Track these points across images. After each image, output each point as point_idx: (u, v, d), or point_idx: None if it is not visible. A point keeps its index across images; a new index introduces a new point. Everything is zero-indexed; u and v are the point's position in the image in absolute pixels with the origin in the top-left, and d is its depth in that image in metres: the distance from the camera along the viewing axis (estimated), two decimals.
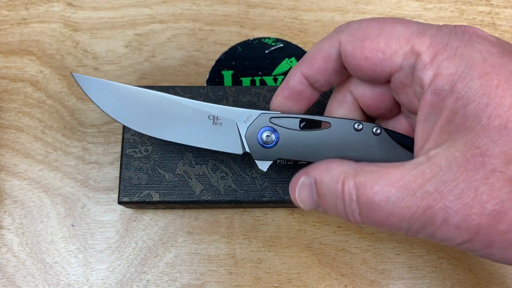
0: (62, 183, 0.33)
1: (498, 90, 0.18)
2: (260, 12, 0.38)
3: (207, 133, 0.26)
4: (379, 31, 0.21)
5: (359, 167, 0.21)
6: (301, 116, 0.25)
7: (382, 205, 0.19)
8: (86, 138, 0.34)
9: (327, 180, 0.22)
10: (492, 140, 0.18)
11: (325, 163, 0.22)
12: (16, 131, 0.34)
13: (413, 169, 0.19)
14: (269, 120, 0.25)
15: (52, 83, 0.36)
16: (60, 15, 0.38)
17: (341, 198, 0.21)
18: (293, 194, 0.24)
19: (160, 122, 0.27)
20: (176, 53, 0.37)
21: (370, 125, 0.24)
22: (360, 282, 0.31)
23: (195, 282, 0.31)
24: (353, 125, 0.24)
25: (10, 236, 0.32)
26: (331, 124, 0.24)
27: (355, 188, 0.20)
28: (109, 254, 0.32)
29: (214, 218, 0.32)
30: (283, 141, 0.25)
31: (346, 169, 0.21)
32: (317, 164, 0.23)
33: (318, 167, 0.23)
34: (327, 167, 0.22)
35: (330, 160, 0.23)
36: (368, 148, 0.24)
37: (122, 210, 0.33)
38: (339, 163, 0.22)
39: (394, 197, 0.19)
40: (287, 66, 0.36)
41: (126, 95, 0.27)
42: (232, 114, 0.26)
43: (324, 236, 0.32)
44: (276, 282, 0.31)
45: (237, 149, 0.26)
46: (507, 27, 0.38)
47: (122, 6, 0.38)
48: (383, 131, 0.24)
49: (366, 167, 0.21)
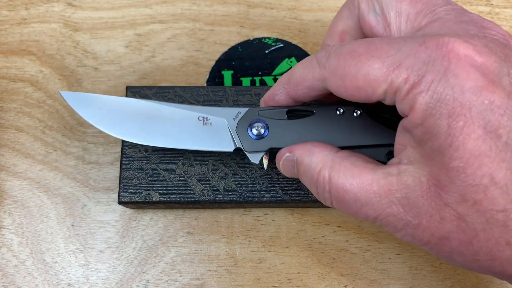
0: (62, 183, 0.33)
1: (463, 132, 0.19)
2: (260, 12, 0.38)
3: (198, 134, 0.27)
4: (355, 70, 0.21)
5: (337, 159, 0.23)
6: (287, 107, 0.27)
7: (350, 202, 0.22)
8: (86, 138, 0.34)
9: (306, 163, 0.24)
10: (450, 179, 0.19)
11: (309, 146, 0.24)
12: (16, 131, 0.34)
13: (383, 178, 0.21)
14: (258, 113, 0.27)
15: (52, 83, 0.36)
16: (60, 15, 0.38)
17: (315, 184, 0.24)
18: (277, 163, 0.26)
19: (150, 130, 0.28)
20: (176, 53, 0.37)
21: (351, 108, 0.26)
22: (360, 282, 0.31)
23: (195, 282, 0.31)
24: (335, 110, 0.26)
25: (10, 236, 0.32)
26: (315, 112, 0.26)
27: (329, 181, 0.23)
28: (109, 254, 0.32)
29: (214, 218, 0.32)
30: (272, 130, 0.26)
31: (324, 158, 0.23)
32: (302, 144, 0.25)
33: (302, 148, 0.25)
34: (309, 151, 0.24)
35: (314, 144, 0.25)
36: (351, 129, 0.26)
37: (122, 210, 0.33)
38: (321, 149, 0.24)
39: (362, 199, 0.21)
40: (287, 66, 0.36)
41: (114, 106, 0.28)
42: (221, 113, 0.28)
43: (324, 236, 0.32)
44: (276, 282, 0.31)
45: (228, 146, 0.27)
46: (507, 27, 0.38)
47: (122, 6, 0.38)
48: (363, 113, 0.26)
49: (343, 161, 0.23)
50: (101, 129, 0.27)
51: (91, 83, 0.36)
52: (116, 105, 0.28)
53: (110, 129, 0.28)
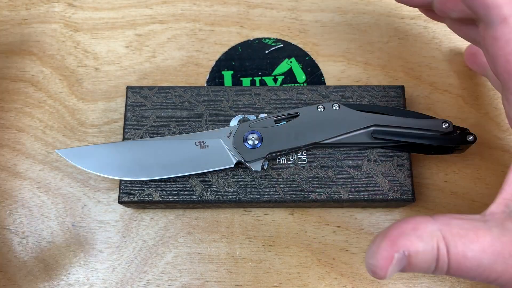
0: (63, 183, 0.33)
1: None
2: (260, 13, 0.38)
3: (198, 158, 0.29)
4: None
5: (445, 227, 0.21)
6: (274, 115, 0.30)
7: (473, 269, 0.21)
8: (86, 138, 0.34)
9: (421, 249, 0.21)
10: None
11: (409, 228, 0.21)
12: (17, 131, 0.34)
13: (503, 235, 0.20)
14: (249, 126, 0.30)
15: (53, 83, 0.36)
16: (60, 15, 0.38)
17: (435, 262, 0.21)
18: (382, 273, 0.21)
19: (151, 165, 0.29)
20: (176, 53, 0.37)
21: (329, 104, 0.30)
22: (360, 281, 0.31)
23: (195, 281, 0.31)
24: (316, 108, 0.30)
25: (10, 236, 0.32)
26: (299, 113, 0.30)
27: (447, 253, 0.21)
28: (109, 254, 0.32)
29: (214, 218, 0.32)
30: (266, 137, 0.29)
31: (432, 229, 0.21)
32: (398, 230, 0.22)
33: (405, 236, 0.21)
34: (415, 233, 0.21)
35: (408, 221, 0.22)
36: (334, 121, 0.30)
37: (122, 210, 0.33)
38: (421, 222, 0.21)
39: (485, 262, 0.20)
40: (287, 67, 0.36)
41: (111, 153, 0.30)
42: (215, 135, 0.30)
43: (324, 236, 0.32)
44: (276, 282, 0.31)
45: (229, 162, 0.29)
46: None
47: (123, 7, 0.38)
48: (341, 106, 0.30)
49: (453, 228, 0.21)
50: (103, 175, 0.29)
51: (91, 83, 0.36)
52: (113, 151, 0.30)
53: (112, 174, 0.29)
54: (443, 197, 0.33)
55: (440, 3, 0.28)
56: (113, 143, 0.30)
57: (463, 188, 0.33)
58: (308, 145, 0.30)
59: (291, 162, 0.31)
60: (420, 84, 0.36)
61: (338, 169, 0.31)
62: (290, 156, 0.31)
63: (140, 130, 0.31)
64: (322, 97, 0.32)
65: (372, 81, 0.36)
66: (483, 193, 0.33)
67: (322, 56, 0.37)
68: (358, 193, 0.30)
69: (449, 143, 0.29)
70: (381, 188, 0.30)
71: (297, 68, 0.36)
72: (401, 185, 0.30)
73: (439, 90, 0.36)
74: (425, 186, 0.33)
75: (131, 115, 0.32)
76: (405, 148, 0.31)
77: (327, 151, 0.31)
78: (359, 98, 0.32)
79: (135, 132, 0.31)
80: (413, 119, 0.30)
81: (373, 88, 0.33)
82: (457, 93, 0.35)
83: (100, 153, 0.29)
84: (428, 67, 0.36)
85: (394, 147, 0.31)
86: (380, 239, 0.21)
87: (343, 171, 0.30)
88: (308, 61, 0.37)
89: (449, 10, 0.28)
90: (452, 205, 0.33)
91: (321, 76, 0.36)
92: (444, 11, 0.28)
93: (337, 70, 0.36)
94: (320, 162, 0.31)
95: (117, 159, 0.29)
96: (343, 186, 0.30)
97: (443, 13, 0.28)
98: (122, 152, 0.30)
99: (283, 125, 0.30)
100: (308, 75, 0.36)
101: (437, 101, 0.35)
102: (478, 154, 0.34)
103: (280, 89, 0.33)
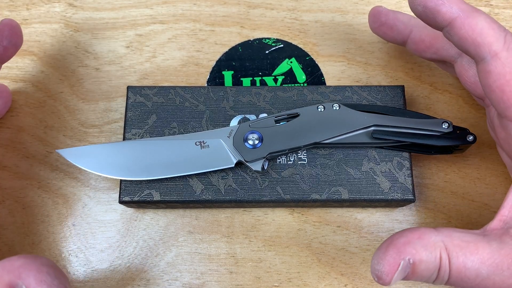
0: (63, 183, 0.33)
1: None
2: (260, 13, 0.38)
3: (199, 157, 0.29)
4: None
5: (447, 238, 0.22)
6: (274, 115, 0.30)
7: (472, 279, 0.22)
8: (87, 138, 0.34)
9: (425, 258, 0.22)
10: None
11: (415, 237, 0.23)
12: (18, 131, 0.34)
13: (501, 249, 0.22)
14: (249, 126, 0.30)
15: (53, 83, 0.36)
16: (61, 15, 0.38)
17: (437, 271, 0.23)
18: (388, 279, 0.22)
19: (151, 165, 0.29)
20: (176, 53, 0.37)
21: (330, 104, 0.30)
22: (360, 281, 0.31)
23: (195, 281, 0.31)
24: (316, 108, 0.30)
25: (11, 236, 0.32)
26: (299, 113, 0.30)
27: (449, 263, 0.22)
28: (110, 254, 0.32)
29: (214, 218, 0.33)
30: (266, 137, 0.30)
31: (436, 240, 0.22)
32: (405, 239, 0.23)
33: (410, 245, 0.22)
34: (420, 242, 0.22)
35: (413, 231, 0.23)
36: (334, 121, 0.30)
37: (123, 210, 0.33)
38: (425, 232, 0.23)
39: (484, 273, 0.22)
40: (287, 67, 0.36)
41: (111, 153, 0.30)
42: (215, 134, 0.30)
43: (324, 236, 0.32)
44: (276, 282, 0.31)
45: (229, 162, 0.29)
46: (507, 28, 0.38)
47: (123, 7, 0.38)
48: (341, 106, 0.30)
49: (455, 240, 0.22)
50: (103, 175, 0.29)
51: (92, 83, 0.36)
52: (113, 151, 0.30)
53: (113, 174, 0.29)
54: (443, 197, 0.33)
55: (414, 45, 0.31)
56: (114, 143, 0.30)
57: (463, 188, 0.33)
58: (308, 145, 0.30)
59: (291, 162, 0.31)
60: (420, 84, 0.36)
61: (338, 169, 0.31)
62: (290, 156, 0.31)
63: (140, 130, 0.31)
64: (322, 97, 0.32)
65: (372, 81, 0.36)
66: (483, 193, 0.33)
67: (322, 56, 0.37)
68: (358, 193, 0.30)
69: (449, 143, 0.29)
70: (381, 188, 0.30)
71: (297, 68, 0.36)
72: (401, 185, 0.30)
73: (439, 90, 0.36)
74: (425, 186, 0.33)
75: (132, 115, 0.32)
76: (405, 148, 0.31)
77: (327, 151, 0.31)
78: (359, 98, 0.32)
79: (136, 132, 0.31)
80: (413, 119, 0.30)
81: (373, 88, 0.33)
82: (457, 93, 0.35)
83: (101, 153, 0.30)
84: (428, 67, 0.36)
85: (394, 147, 0.31)
86: (387, 246, 0.23)
87: (343, 171, 0.31)
88: (308, 61, 0.37)
89: (421, 52, 0.31)
90: (452, 205, 0.33)
91: (321, 76, 0.36)
92: (417, 52, 0.31)
93: (337, 70, 0.36)
94: (320, 162, 0.31)
95: (118, 159, 0.29)
96: (343, 186, 0.30)
97: (417, 54, 0.31)
98: (123, 152, 0.30)
99: (283, 125, 0.30)
100: (308, 75, 0.36)
101: (437, 101, 0.35)
102: (478, 154, 0.34)
103: (280, 89, 0.33)
